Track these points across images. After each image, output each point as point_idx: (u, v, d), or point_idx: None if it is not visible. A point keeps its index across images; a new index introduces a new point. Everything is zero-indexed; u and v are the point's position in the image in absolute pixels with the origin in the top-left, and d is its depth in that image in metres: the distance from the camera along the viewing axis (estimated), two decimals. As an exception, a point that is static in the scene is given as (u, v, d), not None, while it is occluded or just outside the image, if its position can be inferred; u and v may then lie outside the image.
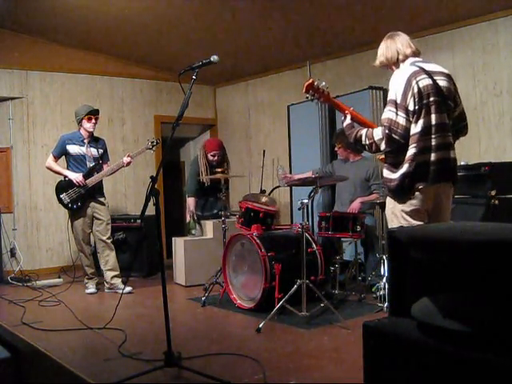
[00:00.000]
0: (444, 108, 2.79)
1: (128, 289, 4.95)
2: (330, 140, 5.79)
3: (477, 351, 1.28)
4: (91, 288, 5.10)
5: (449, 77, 2.88)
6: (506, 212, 3.79)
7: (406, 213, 2.80)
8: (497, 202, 3.82)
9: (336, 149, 5.08)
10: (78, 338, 3.55)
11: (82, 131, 5.11)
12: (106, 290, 5.11)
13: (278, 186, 5.94)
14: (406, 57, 2.87)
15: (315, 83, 3.03)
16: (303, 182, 4.44)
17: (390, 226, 2.90)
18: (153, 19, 5.55)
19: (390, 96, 2.78)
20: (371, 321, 1.60)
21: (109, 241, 5.14)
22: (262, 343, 3.31)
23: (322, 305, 3.74)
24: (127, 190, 6.96)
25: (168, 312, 2.74)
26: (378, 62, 3.00)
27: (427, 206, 2.79)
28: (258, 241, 4.04)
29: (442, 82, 2.81)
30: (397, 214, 2.83)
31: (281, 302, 3.67)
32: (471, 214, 3.98)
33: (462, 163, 4.33)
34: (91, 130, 5.10)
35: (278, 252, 4.05)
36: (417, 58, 2.88)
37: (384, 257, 4.03)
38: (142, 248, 5.93)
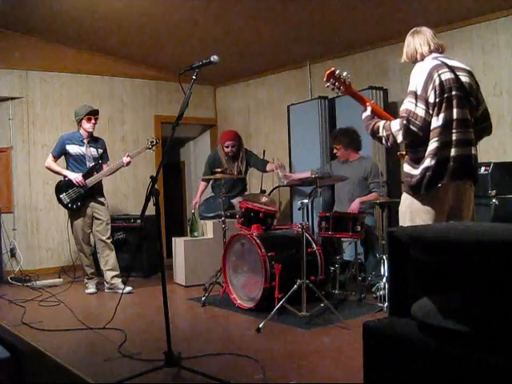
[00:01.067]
0: (466, 104, 2.73)
1: (128, 289, 4.95)
2: (329, 140, 5.80)
3: (477, 351, 1.28)
4: (91, 288, 5.10)
5: (471, 74, 2.85)
6: (506, 212, 3.79)
7: (424, 212, 2.71)
8: (497, 202, 3.82)
9: (335, 150, 5.03)
10: (78, 338, 3.55)
11: (82, 131, 5.13)
12: (106, 290, 5.11)
13: (278, 186, 5.94)
14: (423, 56, 2.85)
15: (336, 72, 2.94)
16: (303, 182, 4.44)
17: (401, 224, 2.81)
18: (153, 19, 5.54)
19: (411, 87, 2.73)
20: (371, 321, 1.60)
21: (108, 241, 5.14)
22: (262, 343, 3.31)
23: (321, 305, 3.74)
24: (127, 190, 6.96)
25: (168, 312, 2.75)
26: (405, 57, 2.98)
27: (446, 206, 2.72)
28: (257, 241, 4.04)
29: (464, 78, 2.77)
30: (412, 213, 2.75)
31: (281, 302, 3.67)
32: (471, 214, 3.98)
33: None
34: (91, 130, 5.11)
35: (278, 252, 4.05)
36: (438, 54, 2.85)
37: (384, 257, 4.03)
38: (142, 248, 5.92)
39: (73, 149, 5.08)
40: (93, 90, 6.73)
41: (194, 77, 2.90)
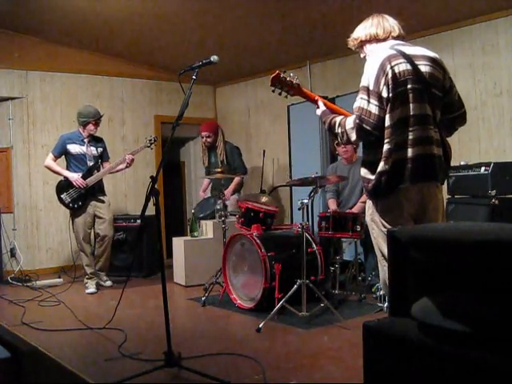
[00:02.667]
0: (426, 97, 2.44)
1: (108, 283, 5.27)
2: (330, 140, 5.79)
3: (477, 351, 1.28)
4: (91, 288, 5.12)
5: (434, 61, 2.51)
6: (506, 212, 3.79)
7: (385, 219, 2.47)
8: (497, 201, 3.82)
9: (343, 150, 4.92)
10: (78, 338, 3.55)
11: (82, 131, 5.15)
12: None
13: (278, 186, 5.95)
14: (398, 36, 2.57)
15: (281, 75, 2.78)
16: (303, 182, 4.43)
17: (371, 235, 2.59)
18: (153, 19, 5.55)
19: (363, 82, 2.46)
20: (371, 321, 1.60)
21: (109, 239, 5.22)
22: (261, 343, 3.31)
23: (321, 305, 3.74)
24: (127, 189, 6.96)
25: (168, 312, 2.74)
26: (362, 35, 2.62)
27: (409, 210, 2.46)
28: (257, 241, 4.04)
29: (424, 68, 2.46)
30: (376, 221, 2.52)
31: (281, 302, 3.67)
32: (471, 214, 3.98)
33: (462, 163, 4.33)
34: (94, 133, 5.19)
35: (278, 252, 4.05)
36: (398, 41, 2.55)
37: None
38: (142, 248, 5.92)
39: (74, 148, 5.11)
40: (93, 89, 6.73)
41: (193, 77, 2.90)
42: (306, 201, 3.85)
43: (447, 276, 1.51)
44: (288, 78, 2.79)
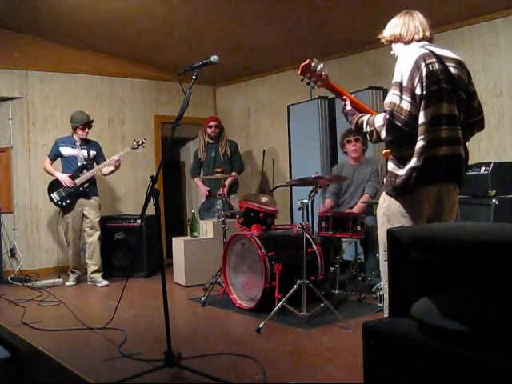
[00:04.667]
0: (454, 98, 2.48)
1: (104, 282, 5.35)
2: (329, 140, 5.79)
3: (477, 351, 1.28)
4: (70, 281, 5.43)
5: (461, 64, 2.59)
6: (506, 212, 3.79)
7: (403, 215, 2.48)
8: (497, 202, 3.82)
9: (352, 145, 4.82)
10: (78, 338, 3.55)
11: (75, 136, 5.51)
12: (88, 282, 5.46)
13: (278, 186, 5.94)
14: (423, 38, 2.56)
15: (312, 64, 2.76)
16: (303, 182, 4.43)
17: (378, 228, 2.62)
18: (153, 19, 5.55)
19: (395, 78, 2.44)
20: (371, 321, 1.60)
21: (96, 239, 5.46)
22: (261, 343, 3.31)
23: (321, 305, 3.74)
24: (127, 190, 6.96)
25: (168, 312, 2.75)
26: (387, 35, 2.63)
27: (427, 209, 2.49)
28: (257, 241, 4.04)
29: (453, 70, 2.51)
30: (391, 216, 2.52)
31: (281, 302, 3.67)
32: (471, 214, 3.98)
33: (462, 163, 4.33)
34: (84, 137, 5.51)
35: (278, 252, 4.05)
36: (426, 42, 2.57)
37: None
38: (142, 248, 5.93)
39: (66, 151, 5.48)
40: (93, 89, 6.73)
41: (193, 77, 2.90)
42: (305, 201, 3.84)
43: (447, 276, 1.51)
44: (318, 68, 2.79)
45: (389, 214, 2.54)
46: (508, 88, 4.66)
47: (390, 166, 2.54)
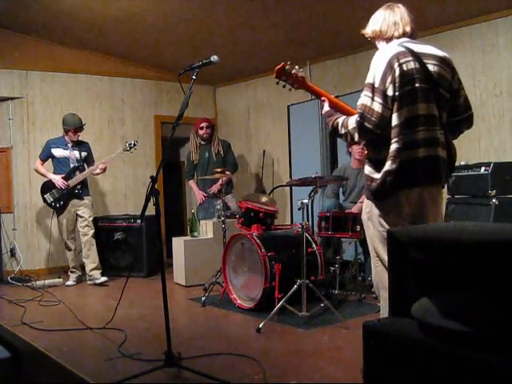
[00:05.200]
0: (432, 97, 2.38)
1: (103, 279, 5.38)
2: (330, 140, 5.79)
3: (477, 351, 1.28)
4: (71, 281, 5.46)
5: (443, 61, 2.45)
6: (506, 212, 3.79)
7: (384, 218, 2.42)
8: (497, 202, 3.82)
9: (358, 150, 4.77)
10: (78, 338, 3.55)
11: (66, 137, 5.56)
12: (87, 282, 5.45)
13: (278, 186, 5.95)
14: (403, 34, 2.47)
15: (287, 67, 2.69)
16: (303, 182, 4.44)
17: (366, 234, 2.55)
18: (153, 19, 5.55)
19: (368, 79, 2.37)
20: (371, 321, 1.60)
21: (90, 237, 5.51)
22: (262, 343, 3.31)
23: (321, 305, 3.74)
24: (127, 189, 6.96)
25: (168, 312, 2.75)
26: (369, 31, 2.56)
27: (408, 211, 2.41)
28: (257, 241, 4.04)
29: (432, 67, 2.40)
30: (374, 221, 2.47)
31: (281, 302, 3.67)
32: (471, 214, 3.98)
33: (462, 163, 4.33)
34: (75, 140, 5.56)
35: (278, 252, 4.05)
36: (407, 39, 2.47)
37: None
38: (142, 248, 5.93)
39: (57, 152, 5.53)
40: (93, 89, 6.73)
41: (193, 77, 2.90)
42: (305, 201, 3.84)
43: (447, 276, 1.51)
44: (293, 71, 2.71)
45: (371, 218, 2.48)
46: (508, 88, 4.66)
47: (367, 169, 2.48)
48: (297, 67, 2.73)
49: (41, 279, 5.55)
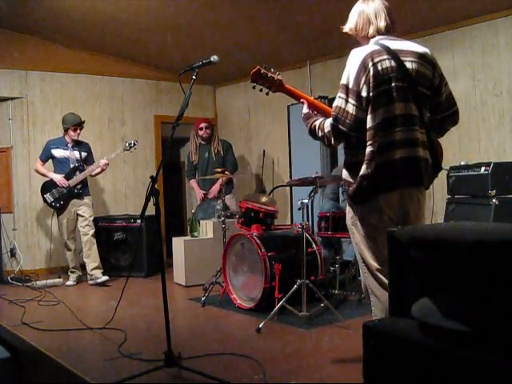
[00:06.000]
0: (411, 96, 2.28)
1: (104, 278, 5.38)
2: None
3: (477, 351, 1.28)
4: (71, 281, 5.46)
5: (423, 57, 2.34)
6: (506, 212, 3.79)
7: (365, 224, 2.36)
8: (497, 202, 3.82)
9: None
10: (78, 338, 3.55)
11: (67, 137, 5.55)
12: (89, 282, 5.44)
13: (278, 186, 5.94)
14: (378, 33, 2.37)
15: (262, 71, 2.61)
16: (303, 182, 4.43)
17: (352, 240, 2.49)
18: (153, 19, 5.55)
19: (342, 80, 2.29)
20: (371, 321, 1.60)
21: (91, 236, 5.52)
22: (261, 343, 3.31)
23: (321, 305, 3.74)
24: (127, 189, 6.96)
25: (168, 312, 2.75)
26: (347, 28, 2.50)
27: (390, 214, 2.33)
28: (257, 241, 4.04)
29: (410, 64, 2.29)
30: (357, 225, 2.39)
31: (281, 302, 3.67)
32: (471, 214, 3.98)
33: (462, 163, 4.33)
34: (75, 138, 5.56)
35: (278, 252, 4.05)
36: (383, 36, 2.36)
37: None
38: (142, 248, 5.93)
39: (58, 152, 5.53)
40: (93, 89, 6.73)
41: (193, 77, 2.90)
42: (305, 201, 3.85)
43: (447, 276, 1.51)
44: (269, 74, 2.62)
45: (355, 223, 2.41)
46: (508, 88, 4.66)
47: (344, 173, 2.41)
48: (273, 70, 2.65)
49: (41, 279, 5.55)
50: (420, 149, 2.31)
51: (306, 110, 2.58)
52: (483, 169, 3.98)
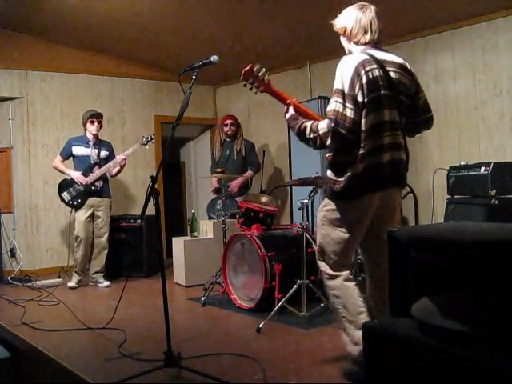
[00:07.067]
0: (395, 104, 2.46)
1: (106, 283, 5.34)
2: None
3: (477, 351, 1.28)
4: (73, 283, 5.31)
5: (403, 67, 2.52)
6: (506, 212, 3.79)
7: (344, 220, 2.48)
8: (497, 202, 3.82)
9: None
10: (78, 338, 3.55)
11: (88, 134, 5.44)
12: (89, 283, 5.44)
13: (278, 186, 5.94)
14: (369, 42, 2.52)
15: (254, 69, 2.70)
16: (303, 182, 4.43)
17: (318, 231, 2.61)
18: (153, 19, 5.55)
19: (337, 85, 2.41)
20: (371, 321, 1.60)
21: (105, 241, 5.43)
22: (262, 343, 3.31)
23: (322, 305, 3.74)
24: (127, 189, 6.96)
25: (168, 312, 2.75)
26: (339, 26, 2.62)
27: (370, 214, 2.48)
28: (257, 241, 4.04)
29: (394, 74, 2.47)
30: (332, 221, 2.52)
31: (281, 302, 3.67)
32: (471, 214, 3.98)
33: (462, 163, 4.33)
34: (95, 132, 5.42)
35: (278, 252, 4.05)
36: (368, 47, 2.51)
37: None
38: (142, 248, 5.92)
39: (79, 150, 5.40)
40: (93, 89, 6.73)
41: (193, 77, 2.90)
42: (305, 201, 3.85)
43: (447, 276, 1.51)
44: (260, 74, 2.72)
45: (330, 218, 2.53)
46: (508, 88, 4.66)
47: (329, 172, 2.55)
48: (264, 70, 2.74)
49: (41, 279, 5.55)
50: (403, 152, 2.52)
51: (292, 111, 2.67)
52: (483, 169, 3.98)
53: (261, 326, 3.51)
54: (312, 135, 2.50)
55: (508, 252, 1.34)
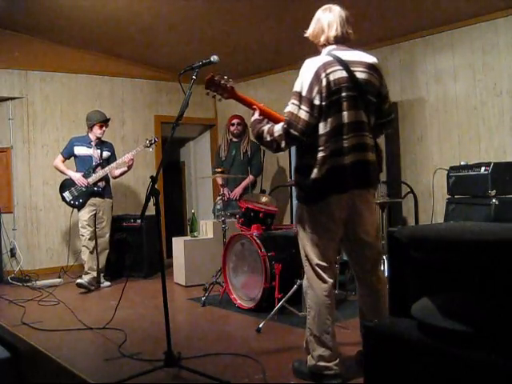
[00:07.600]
0: (361, 104, 2.45)
1: (106, 283, 5.36)
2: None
3: (477, 351, 1.28)
4: (84, 280, 5.20)
5: (372, 67, 2.52)
6: (506, 212, 3.79)
7: (314, 224, 2.51)
8: (497, 202, 3.82)
9: None
10: (78, 338, 3.55)
11: (91, 135, 5.40)
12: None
13: (278, 186, 5.93)
14: (328, 43, 2.55)
15: (216, 78, 2.70)
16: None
17: (298, 236, 2.64)
18: (153, 19, 5.55)
19: (296, 87, 2.45)
20: (371, 321, 1.60)
21: (106, 241, 5.42)
22: (262, 343, 3.31)
23: (321, 305, 3.73)
24: (127, 190, 6.96)
25: (168, 312, 2.75)
26: (308, 35, 2.70)
27: (340, 216, 2.50)
28: (257, 241, 4.04)
29: (360, 74, 2.46)
30: (306, 225, 2.55)
31: (281, 302, 3.68)
32: (471, 214, 3.98)
33: (462, 163, 4.33)
34: (100, 136, 5.40)
35: (278, 252, 4.05)
36: (335, 46, 2.53)
37: (384, 257, 4.03)
38: (142, 248, 5.92)
39: (80, 150, 5.35)
40: (93, 89, 6.73)
41: (193, 77, 2.90)
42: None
43: (447, 276, 1.51)
44: (222, 81, 2.73)
45: (303, 222, 2.56)
46: (508, 88, 4.66)
47: (295, 175, 2.56)
48: (226, 77, 2.74)
49: (41, 279, 5.55)
50: (370, 153, 2.50)
51: (257, 116, 2.65)
52: (483, 169, 3.98)
53: (261, 325, 3.51)
54: (269, 138, 2.49)
55: (508, 252, 1.34)
